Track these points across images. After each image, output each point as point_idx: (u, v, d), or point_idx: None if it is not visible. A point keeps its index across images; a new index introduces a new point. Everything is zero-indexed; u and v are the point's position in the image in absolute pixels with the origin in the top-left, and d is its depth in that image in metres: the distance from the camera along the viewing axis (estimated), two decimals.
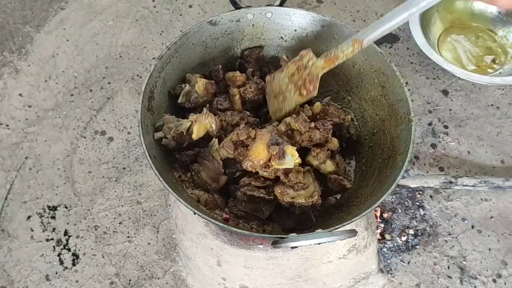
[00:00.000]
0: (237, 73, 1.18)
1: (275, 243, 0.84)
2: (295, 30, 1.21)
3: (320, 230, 0.89)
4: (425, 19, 1.73)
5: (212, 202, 1.03)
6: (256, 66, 1.22)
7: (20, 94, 1.73)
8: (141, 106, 1.02)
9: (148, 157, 0.97)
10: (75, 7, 1.95)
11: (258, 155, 1.00)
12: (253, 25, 1.20)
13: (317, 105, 1.12)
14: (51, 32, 1.88)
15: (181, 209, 1.25)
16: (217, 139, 1.06)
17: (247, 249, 1.14)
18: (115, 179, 1.57)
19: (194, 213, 0.92)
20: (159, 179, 0.94)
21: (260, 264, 1.16)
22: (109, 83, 1.76)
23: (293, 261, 1.16)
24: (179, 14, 1.94)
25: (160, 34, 1.89)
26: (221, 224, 0.90)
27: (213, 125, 1.07)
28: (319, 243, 0.82)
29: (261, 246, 1.13)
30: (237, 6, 1.19)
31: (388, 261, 1.43)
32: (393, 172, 1.00)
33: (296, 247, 0.93)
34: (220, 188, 1.08)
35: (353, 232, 0.83)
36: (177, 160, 1.07)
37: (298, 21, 1.20)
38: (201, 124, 1.07)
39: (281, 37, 1.24)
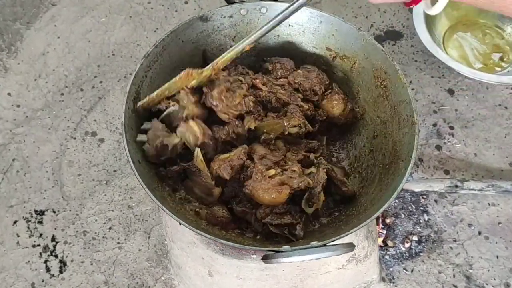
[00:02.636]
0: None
1: (265, 258, 0.78)
2: (291, 26, 1.14)
3: (315, 242, 0.83)
4: (430, 16, 1.66)
5: (213, 218, 0.96)
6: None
7: (9, 94, 1.67)
8: (125, 108, 0.96)
9: (132, 163, 0.90)
10: (66, 3, 1.88)
11: (272, 202, 0.95)
12: (246, 21, 1.14)
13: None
14: (42, 29, 1.82)
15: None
16: (198, 149, 0.99)
17: (239, 259, 1.08)
18: (105, 182, 1.51)
19: (180, 224, 0.86)
20: (142, 186, 0.88)
21: (253, 275, 1.10)
22: (100, 82, 1.70)
23: (288, 271, 1.10)
24: (174, 11, 1.87)
25: (155, 31, 1.83)
26: (209, 236, 0.83)
27: (199, 135, 1.00)
28: (312, 259, 0.75)
29: (254, 256, 1.07)
30: (230, 1, 1.12)
31: (391, 269, 1.37)
32: (395, 179, 0.94)
33: None
34: (217, 199, 1.00)
35: (351, 247, 0.76)
36: (164, 176, 1.00)
37: (295, 16, 1.12)
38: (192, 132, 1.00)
39: (278, 35, 1.17)
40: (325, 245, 0.80)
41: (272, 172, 0.95)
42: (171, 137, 0.98)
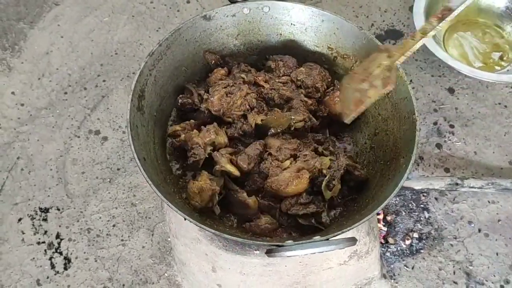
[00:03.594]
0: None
1: (269, 252, 0.79)
2: (294, 25, 1.16)
3: (317, 237, 0.84)
4: (430, 14, 1.67)
5: (257, 228, 0.98)
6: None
7: (13, 92, 1.68)
8: (131, 105, 0.97)
9: (137, 159, 0.92)
10: (70, 2, 1.90)
11: (296, 190, 0.97)
12: (249, 20, 1.15)
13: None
14: (45, 28, 1.84)
15: (175, 213, 1.20)
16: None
17: (243, 255, 1.09)
18: (109, 180, 1.52)
19: (185, 219, 0.87)
20: (147, 182, 0.89)
21: (256, 271, 1.11)
22: (104, 81, 1.71)
23: (291, 267, 1.11)
24: (176, 10, 1.89)
25: (157, 30, 1.84)
26: (213, 231, 0.85)
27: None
28: (315, 253, 0.76)
29: (257, 252, 1.08)
30: (232, 0, 1.14)
31: (392, 266, 1.38)
32: (396, 175, 0.95)
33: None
34: (256, 209, 1.01)
35: (353, 241, 0.77)
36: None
37: (297, 15, 1.15)
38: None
39: (280, 34, 1.19)
40: (327, 239, 0.81)
41: (287, 163, 0.99)
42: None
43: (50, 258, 1.40)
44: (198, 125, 1.08)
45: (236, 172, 1.00)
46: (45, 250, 1.41)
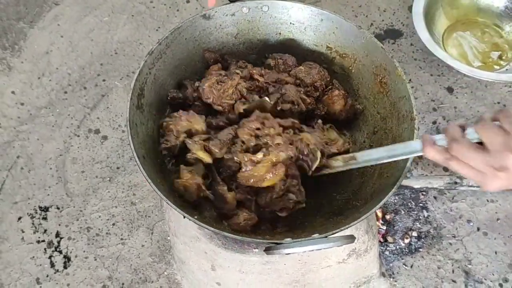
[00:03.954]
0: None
1: (268, 250, 0.80)
2: (293, 24, 1.16)
3: (316, 234, 0.84)
4: (429, 14, 1.68)
5: (236, 226, 0.96)
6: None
7: (13, 92, 1.69)
8: (130, 104, 0.97)
9: (137, 158, 0.92)
10: (70, 2, 1.90)
11: (271, 183, 0.96)
12: (248, 19, 1.16)
13: None
14: (45, 28, 1.84)
15: (174, 211, 1.21)
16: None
17: (242, 253, 1.09)
18: (108, 179, 1.52)
19: (184, 217, 0.87)
20: (147, 181, 0.89)
21: (255, 269, 1.11)
22: (103, 80, 1.72)
23: (290, 265, 1.11)
24: (176, 10, 1.89)
25: (157, 30, 1.84)
26: (212, 229, 0.85)
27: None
28: (314, 250, 0.77)
29: (256, 250, 1.08)
30: (232, 0, 1.14)
31: (390, 264, 1.38)
32: (394, 173, 0.95)
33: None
34: (234, 204, 0.99)
35: (351, 238, 0.78)
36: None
37: (296, 15, 1.15)
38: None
39: (280, 33, 1.19)
40: (326, 237, 0.81)
41: (259, 156, 0.95)
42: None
43: (50, 257, 1.41)
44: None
45: (207, 159, 0.98)
46: (44, 249, 1.42)
